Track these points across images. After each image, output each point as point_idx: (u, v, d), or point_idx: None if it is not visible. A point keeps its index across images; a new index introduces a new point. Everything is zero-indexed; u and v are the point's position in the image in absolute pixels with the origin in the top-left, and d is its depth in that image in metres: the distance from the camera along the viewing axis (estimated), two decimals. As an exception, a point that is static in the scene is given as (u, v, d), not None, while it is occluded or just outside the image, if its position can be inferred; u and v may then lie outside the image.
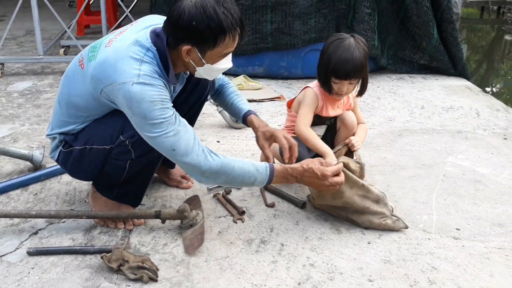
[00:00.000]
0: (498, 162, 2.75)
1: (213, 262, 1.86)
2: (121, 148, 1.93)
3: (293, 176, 1.93)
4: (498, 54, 8.24)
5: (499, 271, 1.83)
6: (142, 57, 1.79)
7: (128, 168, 1.98)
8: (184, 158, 1.80)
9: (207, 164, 1.81)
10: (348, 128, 2.43)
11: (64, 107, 1.98)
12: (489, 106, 3.72)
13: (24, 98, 3.75)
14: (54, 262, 1.84)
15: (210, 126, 3.25)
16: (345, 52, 2.19)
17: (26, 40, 5.78)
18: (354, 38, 2.24)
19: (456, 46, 4.40)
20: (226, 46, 1.83)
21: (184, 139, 1.80)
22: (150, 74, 1.77)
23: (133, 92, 1.73)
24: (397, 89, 4.14)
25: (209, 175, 1.84)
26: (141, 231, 2.05)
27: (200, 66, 1.88)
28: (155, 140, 1.79)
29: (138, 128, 1.81)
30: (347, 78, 2.21)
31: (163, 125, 1.76)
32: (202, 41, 1.78)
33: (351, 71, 2.19)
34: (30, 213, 2.02)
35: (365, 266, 1.85)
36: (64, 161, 2.04)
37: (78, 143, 1.97)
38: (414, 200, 2.33)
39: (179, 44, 1.80)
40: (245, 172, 1.86)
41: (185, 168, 1.85)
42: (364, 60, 2.22)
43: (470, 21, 10.68)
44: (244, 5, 4.16)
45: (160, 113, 1.75)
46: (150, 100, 1.73)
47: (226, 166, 1.84)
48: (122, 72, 1.75)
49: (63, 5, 7.74)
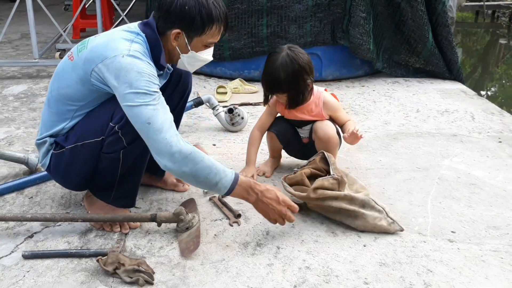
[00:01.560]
0: (493, 165, 2.76)
1: (209, 265, 1.86)
2: (112, 137, 1.92)
3: (254, 192, 1.92)
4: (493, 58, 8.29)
5: (494, 274, 1.84)
6: (132, 39, 1.89)
7: (122, 160, 1.97)
8: (157, 134, 1.79)
9: (178, 146, 1.79)
10: (321, 140, 2.40)
11: (53, 105, 1.99)
12: (484, 109, 3.74)
13: (19, 102, 3.74)
14: (50, 266, 1.84)
15: (206, 130, 3.25)
16: (270, 67, 2.29)
17: (21, 44, 5.77)
18: (290, 50, 2.28)
19: (451, 50, 4.43)
20: (211, 35, 1.96)
21: (161, 116, 1.81)
22: (140, 52, 1.86)
23: (123, 63, 1.81)
24: (392, 92, 4.16)
25: (177, 159, 1.79)
26: (137, 234, 2.05)
27: (185, 53, 1.98)
28: (134, 109, 1.79)
29: (120, 98, 1.82)
30: (271, 91, 2.35)
31: (146, 96, 1.79)
32: (191, 27, 1.91)
33: (271, 84, 2.31)
34: (26, 216, 2.01)
35: (361, 268, 1.86)
36: (56, 164, 2.03)
37: (69, 143, 1.97)
38: (409, 203, 2.33)
39: (168, 28, 1.92)
40: (212, 167, 1.85)
41: (156, 147, 1.81)
42: (284, 75, 2.25)
43: (465, 25, 10.75)
44: (240, 9, 4.17)
45: (146, 84, 1.80)
46: (138, 71, 1.80)
47: (196, 154, 1.82)
48: (113, 49, 1.84)
49: (59, 8, 7.74)
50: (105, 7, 5.75)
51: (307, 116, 2.43)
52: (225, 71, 4.45)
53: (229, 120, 3.16)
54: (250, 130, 3.19)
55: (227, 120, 3.18)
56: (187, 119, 3.41)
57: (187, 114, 3.46)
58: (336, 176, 2.12)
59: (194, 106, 3.23)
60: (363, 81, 4.48)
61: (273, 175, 2.59)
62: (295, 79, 2.27)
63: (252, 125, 3.24)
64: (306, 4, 4.14)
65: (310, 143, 2.50)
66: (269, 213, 1.95)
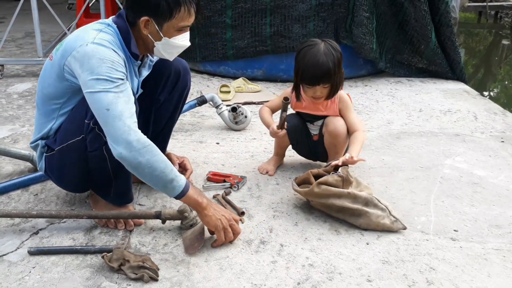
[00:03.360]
0: (496, 165, 2.77)
1: (213, 262, 1.87)
2: (91, 134, 1.92)
3: (205, 198, 1.92)
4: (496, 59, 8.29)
5: (496, 272, 1.85)
6: (101, 29, 1.90)
7: (108, 156, 1.93)
8: (116, 120, 1.76)
9: (137, 135, 1.77)
10: (331, 134, 2.40)
11: (41, 106, 2.01)
12: (487, 109, 3.75)
13: (24, 100, 3.76)
14: (55, 262, 1.85)
15: (209, 128, 3.26)
16: (313, 58, 2.23)
17: (25, 42, 5.79)
18: (325, 43, 2.26)
19: (454, 50, 4.43)
20: (181, 18, 1.93)
21: (122, 105, 1.78)
22: (107, 39, 1.86)
23: (86, 50, 1.80)
24: (395, 92, 4.17)
25: (135, 147, 1.75)
26: (142, 231, 2.06)
27: (158, 40, 1.96)
28: (94, 96, 1.78)
29: (83, 85, 1.81)
30: (315, 83, 2.26)
31: (107, 83, 1.78)
32: (158, 12, 1.89)
33: (318, 76, 2.23)
34: (31, 213, 2.03)
35: (364, 266, 1.87)
36: (50, 167, 2.05)
37: (57, 144, 1.98)
38: (412, 202, 2.34)
39: (137, 17, 1.91)
40: (168, 163, 1.83)
41: (113, 133, 1.77)
42: (332, 64, 2.23)
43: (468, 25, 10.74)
44: (244, 8, 4.18)
45: (107, 71, 1.79)
46: (99, 57, 1.79)
47: (154, 147, 1.80)
48: (81, 39, 1.84)
49: (62, 7, 7.76)
50: (108, 6, 5.75)
51: (322, 109, 2.44)
52: (228, 70, 4.46)
53: (233, 118, 3.18)
54: (253, 129, 3.22)
55: (230, 118, 3.19)
56: (190, 118, 3.43)
57: (190, 112, 3.47)
58: (342, 174, 2.13)
59: (197, 105, 3.24)
60: (366, 81, 4.49)
61: (276, 174, 2.60)
62: (339, 67, 2.27)
63: (256, 124, 3.27)
64: (310, 4, 4.15)
65: (319, 140, 2.50)
66: (220, 219, 1.93)
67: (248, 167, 2.66)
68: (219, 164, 2.70)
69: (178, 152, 2.66)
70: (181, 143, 2.98)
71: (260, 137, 3.13)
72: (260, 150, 2.90)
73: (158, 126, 2.33)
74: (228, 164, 2.71)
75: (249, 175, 2.56)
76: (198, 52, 4.43)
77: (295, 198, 2.34)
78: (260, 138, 3.10)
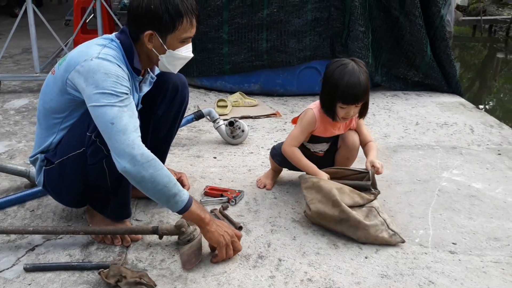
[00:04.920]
0: (493, 177, 2.77)
1: (210, 278, 1.86)
2: (92, 147, 1.91)
3: (207, 213, 1.93)
4: (491, 72, 8.33)
5: (495, 285, 1.84)
6: (105, 44, 1.91)
7: (107, 170, 1.93)
8: (120, 135, 1.76)
9: (141, 149, 1.77)
10: (348, 147, 2.43)
11: (42, 120, 2.02)
12: (483, 122, 3.76)
13: (20, 115, 3.76)
14: (51, 278, 1.84)
15: (206, 143, 3.26)
16: (352, 77, 2.17)
17: (22, 58, 5.81)
18: (355, 62, 2.22)
19: (449, 63, 4.46)
20: (184, 30, 1.94)
21: (126, 119, 1.79)
22: (111, 54, 1.87)
23: (91, 65, 1.82)
24: (391, 105, 4.18)
25: (138, 161, 1.75)
26: (138, 247, 2.05)
27: (162, 53, 1.98)
28: (99, 110, 1.79)
29: (87, 99, 1.82)
30: (356, 102, 2.21)
31: (112, 97, 1.79)
32: (161, 25, 1.91)
33: (359, 95, 2.19)
34: (27, 229, 2.01)
35: (362, 280, 1.86)
36: (49, 181, 2.04)
37: (57, 157, 1.98)
38: (410, 215, 2.34)
39: (140, 31, 1.93)
40: (171, 177, 1.83)
41: (117, 147, 1.77)
42: (368, 82, 2.22)
43: (463, 39, 10.81)
44: (240, 24, 4.21)
45: (112, 85, 1.80)
46: (104, 72, 1.80)
47: (157, 162, 1.81)
48: (85, 54, 1.86)
49: (59, 23, 7.79)
50: (105, 22, 5.78)
51: (341, 130, 2.43)
52: (225, 84, 4.47)
53: (230, 133, 3.18)
54: (250, 143, 3.22)
55: (227, 133, 3.19)
56: (187, 132, 3.43)
57: (187, 127, 3.47)
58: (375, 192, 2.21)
59: (195, 119, 3.25)
60: (362, 95, 4.49)
61: (274, 188, 2.59)
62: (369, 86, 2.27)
63: (253, 138, 3.27)
64: (306, 19, 4.17)
65: (325, 156, 2.50)
66: (223, 236, 1.92)
67: (245, 181, 2.66)
68: (216, 179, 2.69)
69: (175, 167, 2.65)
70: (178, 158, 2.98)
71: (257, 151, 3.13)
72: (257, 164, 2.90)
73: (156, 140, 2.33)
74: (226, 178, 2.70)
75: (246, 189, 2.56)
76: (195, 67, 4.44)
77: (293, 212, 2.34)
78: (258, 152, 3.10)
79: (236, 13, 4.20)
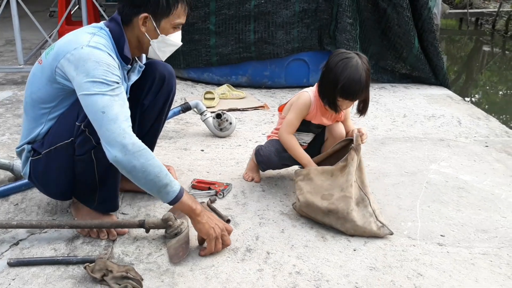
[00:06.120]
0: (480, 169, 2.78)
1: (198, 271, 1.84)
2: (81, 137, 1.89)
3: (198, 204, 1.91)
4: (477, 65, 8.39)
5: (484, 277, 1.84)
6: (95, 32, 1.89)
7: (95, 160, 1.92)
8: (111, 123, 1.74)
9: (132, 138, 1.75)
10: (335, 139, 2.41)
11: (29, 111, 1.98)
12: (470, 114, 3.77)
13: (4, 108, 3.69)
14: (36, 273, 1.80)
15: (194, 135, 3.23)
16: (354, 74, 2.13)
17: (5, 50, 5.72)
18: (359, 57, 2.18)
19: (436, 56, 4.47)
20: (178, 15, 1.97)
21: (117, 108, 1.77)
22: (101, 43, 1.86)
23: (82, 53, 1.79)
24: (379, 98, 4.18)
25: (130, 151, 1.73)
26: (125, 240, 2.02)
27: (154, 38, 1.97)
28: (89, 98, 1.76)
29: (78, 88, 1.79)
30: (354, 98, 2.20)
31: (103, 86, 1.77)
32: (157, 8, 1.91)
33: (358, 92, 2.17)
34: (11, 223, 1.97)
35: (351, 273, 1.85)
36: (35, 171, 2.00)
37: (44, 148, 1.95)
38: (398, 207, 2.34)
39: (135, 14, 1.92)
40: (162, 167, 1.81)
41: (108, 136, 1.74)
42: (368, 78, 2.19)
43: (449, 32, 10.87)
44: (227, 15, 4.17)
45: (103, 74, 1.77)
46: (95, 60, 1.78)
47: (148, 151, 1.79)
48: (74, 42, 1.83)
49: (44, 15, 7.68)
50: (91, 14, 5.70)
51: (329, 120, 2.42)
52: (212, 77, 4.44)
53: (217, 125, 3.15)
54: (238, 136, 3.20)
55: (215, 125, 3.16)
56: (174, 125, 3.39)
57: (174, 119, 3.44)
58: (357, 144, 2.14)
59: (182, 112, 3.21)
60: (350, 87, 4.49)
61: (262, 180, 2.57)
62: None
63: (241, 130, 3.25)
64: (293, 10, 4.15)
65: (308, 149, 2.48)
66: (213, 228, 1.90)
67: (233, 174, 2.64)
68: (204, 172, 2.67)
69: (162, 160, 2.61)
70: (165, 151, 2.95)
71: (245, 143, 3.11)
72: (245, 157, 2.88)
73: (142, 130, 2.30)
74: (213, 171, 2.68)
75: (234, 182, 2.54)
76: (181, 58, 4.40)
77: (281, 205, 2.32)
78: (245, 145, 3.08)
79: (223, 4, 4.16)
